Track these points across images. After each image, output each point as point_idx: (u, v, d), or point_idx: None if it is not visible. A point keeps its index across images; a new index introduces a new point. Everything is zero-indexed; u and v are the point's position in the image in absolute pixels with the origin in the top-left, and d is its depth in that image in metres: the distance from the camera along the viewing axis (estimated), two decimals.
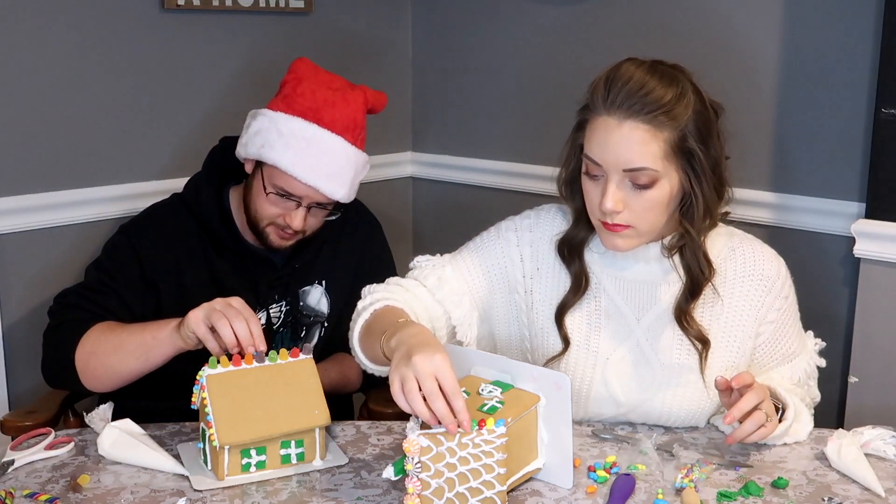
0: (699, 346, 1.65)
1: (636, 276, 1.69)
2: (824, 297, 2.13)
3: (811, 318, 1.93)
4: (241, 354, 1.57)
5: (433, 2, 2.80)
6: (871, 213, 2.02)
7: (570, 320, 1.70)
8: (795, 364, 1.76)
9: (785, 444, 1.64)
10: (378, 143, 2.76)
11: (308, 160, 1.85)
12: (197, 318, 1.63)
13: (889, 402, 2.02)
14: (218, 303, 1.64)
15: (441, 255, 1.79)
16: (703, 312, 1.68)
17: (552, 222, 1.75)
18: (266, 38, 2.51)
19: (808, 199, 2.16)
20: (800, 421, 1.66)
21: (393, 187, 2.89)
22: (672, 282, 1.67)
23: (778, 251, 1.85)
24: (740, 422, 1.53)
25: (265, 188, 1.88)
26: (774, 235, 1.97)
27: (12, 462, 1.55)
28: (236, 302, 1.64)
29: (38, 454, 1.57)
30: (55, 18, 2.17)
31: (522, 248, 1.74)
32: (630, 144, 1.53)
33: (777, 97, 2.17)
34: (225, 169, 1.99)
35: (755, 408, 1.53)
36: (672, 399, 1.67)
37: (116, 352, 1.77)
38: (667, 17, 2.30)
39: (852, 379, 2.08)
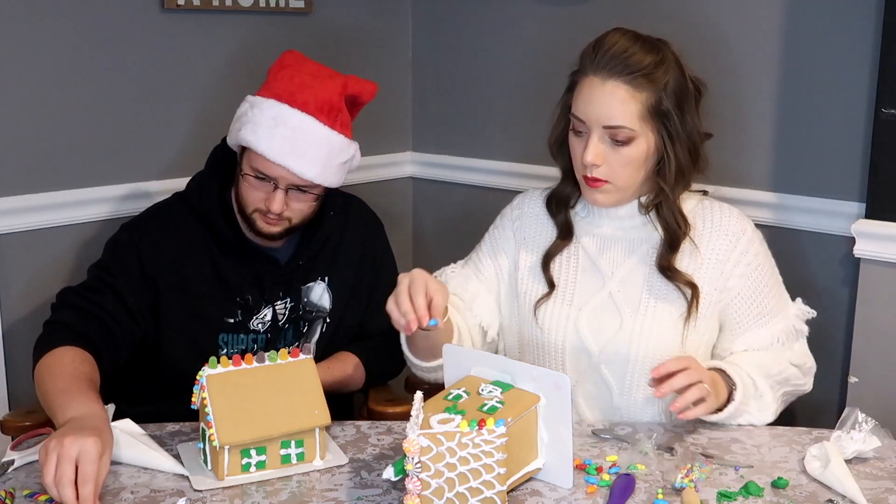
0: (689, 292, 1.76)
1: (612, 232, 1.83)
2: (824, 297, 2.13)
3: (811, 318, 1.94)
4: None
5: (433, 2, 2.80)
6: (871, 213, 2.02)
7: (552, 269, 1.85)
8: (772, 324, 1.81)
9: (740, 425, 1.71)
10: (378, 143, 2.76)
11: (276, 139, 1.84)
12: (44, 448, 1.45)
13: (889, 402, 2.02)
14: (65, 443, 1.43)
15: (455, 262, 1.96)
16: (684, 266, 1.78)
17: (535, 201, 1.93)
18: (266, 38, 2.51)
19: (808, 199, 2.16)
20: (759, 400, 1.72)
21: (393, 187, 2.89)
22: (644, 238, 1.81)
23: (778, 251, 1.86)
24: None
25: (242, 171, 1.89)
26: (774, 235, 1.97)
27: (12, 462, 1.55)
28: (88, 453, 1.43)
29: (38, 454, 1.57)
30: (55, 18, 2.17)
31: (515, 230, 1.92)
32: (611, 102, 1.69)
33: (777, 97, 2.17)
34: (227, 168, 1.99)
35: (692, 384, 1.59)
36: (639, 339, 1.75)
37: (41, 391, 1.70)
38: (667, 17, 2.30)
39: (852, 379, 2.08)
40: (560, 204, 1.87)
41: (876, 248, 2.01)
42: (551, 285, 1.83)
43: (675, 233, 1.77)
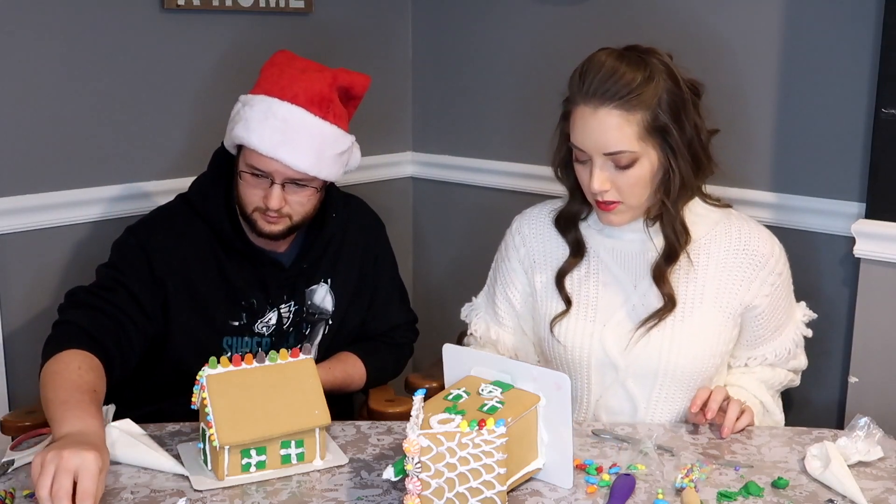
0: (665, 301, 1.75)
1: (632, 246, 1.80)
2: (824, 297, 2.13)
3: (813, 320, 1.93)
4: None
5: (433, 2, 2.80)
6: (871, 213, 2.02)
7: (568, 286, 1.82)
8: (785, 335, 1.86)
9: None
10: (378, 143, 2.76)
11: (267, 131, 1.84)
12: (39, 459, 1.41)
13: (889, 402, 2.02)
14: (63, 455, 1.40)
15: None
16: (694, 286, 1.77)
17: (538, 217, 1.90)
18: (266, 38, 2.51)
19: (808, 199, 2.15)
20: (769, 417, 1.85)
21: (393, 187, 2.89)
22: (657, 239, 1.77)
23: None
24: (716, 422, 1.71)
25: (239, 169, 1.89)
26: (775, 235, 1.97)
27: (12, 462, 1.55)
28: (88, 468, 1.40)
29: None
30: (55, 18, 2.17)
31: (519, 253, 1.90)
32: (606, 130, 1.66)
33: (777, 98, 2.17)
34: (230, 170, 1.99)
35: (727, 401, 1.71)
36: (669, 352, 1.75)
37: (43, 397, 1.65)
38: (667, 17, 2.30)
39: (852, 379, 2.08)
40: (569, 222, 1.84)
41: (876, 248, 2.01)
42: (567, 302, 1.81)
43: (672, 245, 1.75)
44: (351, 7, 2.70)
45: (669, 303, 1.75)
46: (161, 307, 1.91)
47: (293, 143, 1.84)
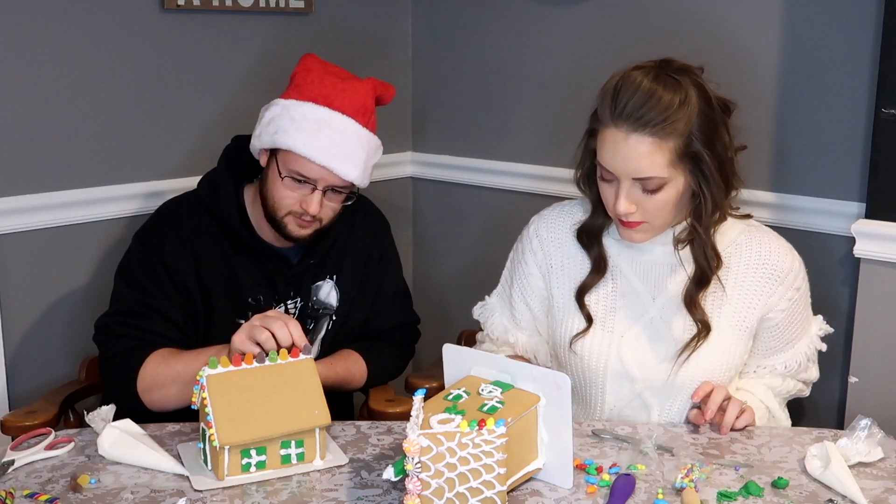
0: (700, 328, 1.73)
1: (653, 258, 1.78)
2: (824, 297, 2.13)
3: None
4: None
5: (434, 2, 2.80)
6: (871, 213, 2.02)
7: (588, 301, 1.80)
8: (797, 348, 1.84)
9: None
10: None
11: (320, 141, 1.86)
12: (241, 338, 1.68)
13: (889, 402, 2.02)
14: (256, 318, 1.70)
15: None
16: (713, 299, 1.76)
17: (556, 220, 1.87)
18: (266, 39, 2.51)
19: (808, 199, 2.15)
20: (775, 422, 1.84)
21: (393, 187, 2.89)
22: (685, 260, 1.75)
23: None
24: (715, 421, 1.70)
25: (280, 174, 1.89)
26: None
27: (12, 462, 1.55)
28: (272, 312, 1.72)
29: (38, 454, 1.58)
30: (55, 18, 2.17)
31: (537, 257, 1.87)
32: (637, 157, 1.62)
33: (777, 97, 2.17)
34: (239, 167, 1.99)
35: (727, 401, 1.70)
36: (686, 365, 1.74)
37: (175, 383, 1.81)
38: (668, 16, 2.30)
39: (852, 379, 2.08)
40: (592, 237, 1.80)
41: (876, 248, 2.01)
42: (589, 320, 1.79)
43: (704, 270, 1.72)
44: (351, 7, 2.70)
45: (704, 329, 1.73)
46: (190, 311, 1.92)
47: (345, 154, 1.88)
